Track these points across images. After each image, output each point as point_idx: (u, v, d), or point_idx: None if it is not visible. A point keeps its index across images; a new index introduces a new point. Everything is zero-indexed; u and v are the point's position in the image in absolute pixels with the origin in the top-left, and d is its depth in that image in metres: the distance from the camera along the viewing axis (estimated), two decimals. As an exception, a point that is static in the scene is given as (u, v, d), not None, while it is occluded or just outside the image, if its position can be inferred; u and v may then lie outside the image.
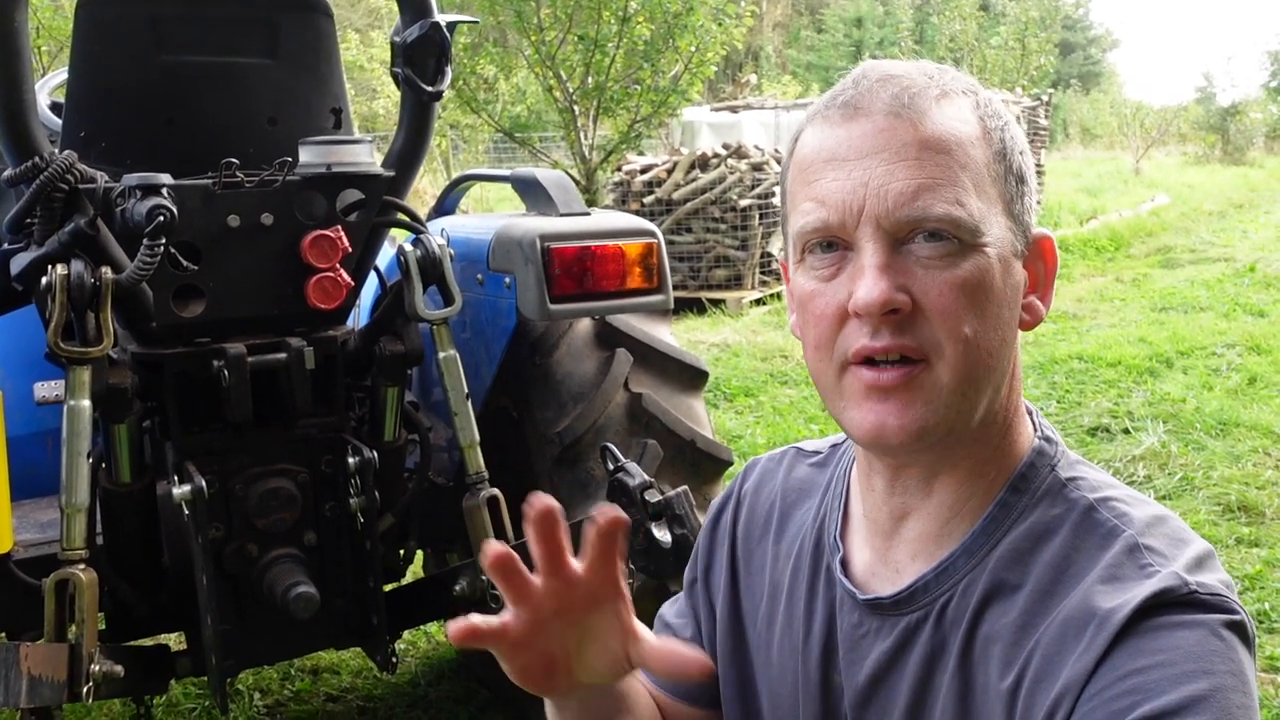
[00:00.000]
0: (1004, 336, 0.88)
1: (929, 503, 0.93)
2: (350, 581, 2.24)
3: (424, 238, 2.19)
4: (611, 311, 2.37)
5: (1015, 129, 0.91)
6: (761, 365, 7.12)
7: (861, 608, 0.96)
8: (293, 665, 3.27)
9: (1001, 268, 0.87)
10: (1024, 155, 0.91)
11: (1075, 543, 0.86)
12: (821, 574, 1.02)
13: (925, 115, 0.87)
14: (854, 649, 0.96)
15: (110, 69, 2.15)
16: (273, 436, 2.15)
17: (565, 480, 2.42)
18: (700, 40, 11.39)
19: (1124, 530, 0.85)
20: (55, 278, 1.82)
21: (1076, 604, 0.82)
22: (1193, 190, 18.00)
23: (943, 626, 0.90)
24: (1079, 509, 0.88)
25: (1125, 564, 0.82)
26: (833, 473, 1.08)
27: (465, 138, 18.25)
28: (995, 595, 0.87)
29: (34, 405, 2.60)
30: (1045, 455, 0.92)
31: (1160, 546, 0.83)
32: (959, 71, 0.93)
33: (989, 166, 0.88)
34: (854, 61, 36.58)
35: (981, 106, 0.90)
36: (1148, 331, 7.63)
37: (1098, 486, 0.90)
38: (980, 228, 0.86)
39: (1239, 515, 4.38)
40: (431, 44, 2.18)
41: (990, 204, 0.88)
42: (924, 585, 0.91)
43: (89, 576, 1.85)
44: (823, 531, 1.04)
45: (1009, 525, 0.89)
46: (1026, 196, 0.91)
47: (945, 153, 0.86)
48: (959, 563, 0.90)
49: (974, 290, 0.85)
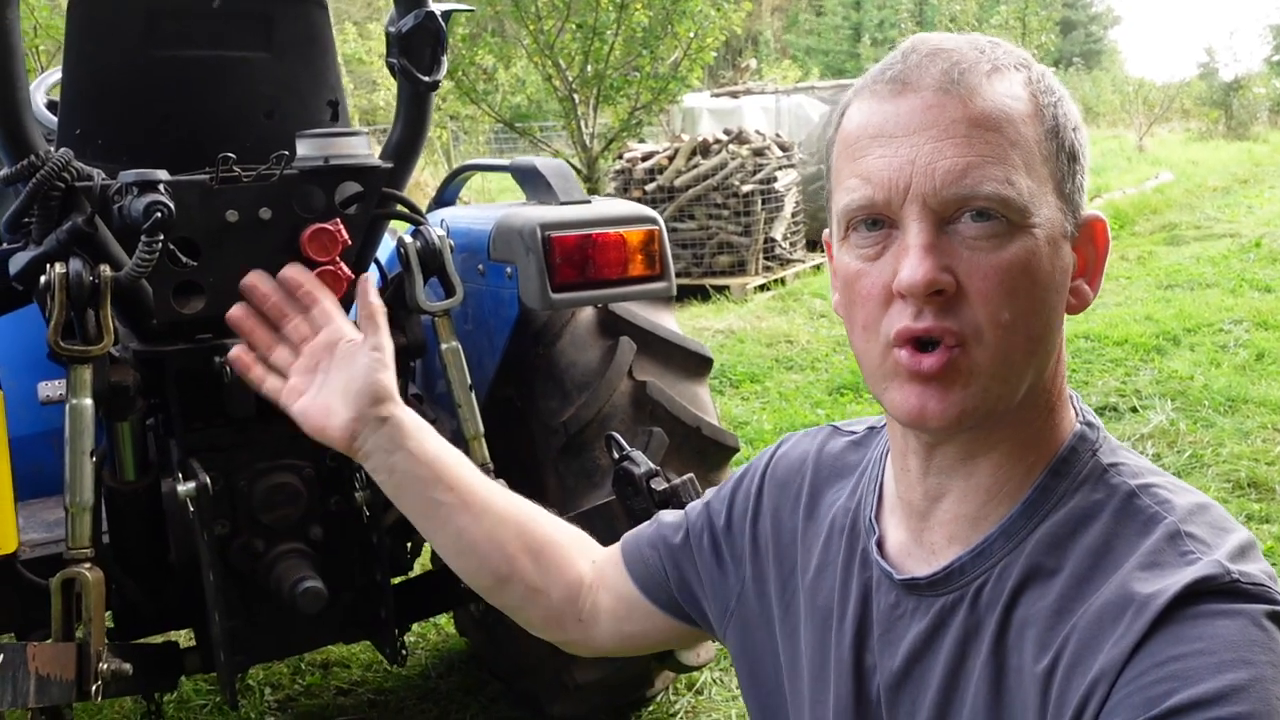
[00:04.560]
0: (1048, 321, 0.87)
1: (966, 484, 0.92)
2: (357, 575, 2.24)
3: (424, 229, 2.18)
4: (614, 300, 2.36)
5: (1069, 105, 0.88)
6: (767, 351, 7.10)
7: (899, 588, 0.95)
8: (303, 659, 3.27)
9: (1050, 250, 0.85)
10: (1077, 132, 0.88)
11: (1115, 528, 0.85)
12: (857, 555, 1.01)
13: (976, 91, 0.84)
14: (890, 629, 0.96)
15: (104, 65, 2.14)
16: (276, 431, 2.14)
17: (571, 469, 2.41)
18: (699, 26, 11.38)
19: (1165, 517, 0.83)
20: (54, 276, 1.81)
21: (1115, 589, 0.81)
22: (1197, 166, 17.93)
23: (978, 609, 0.89)
24: (1120, 495, 0.86)
25: (1166, 550, 0.81)
26: (869, 454, 1.08)
27: (465, 129, 18.22)
28: (1032, 579, 0.86)
29: (38, 405, 2.59)
30: (1087, 440, 0.90)
31: (1202, 534, 0.82)
32: (1012, 45, 0.90)
33: (1040, 144, 0.86)
34: (854, 44, 36.57)
35: (1035, 82, 0.87)
36: (1154, 309, 7.61)
37: (1139, 473, 0.88)
38: (1030, 207, 0.84)
39: (1249, 492, 4.37)
40: (427, 33, 2.16)
41: (1041, 183, 0.85)
42: (960, 567, 0.91)
43: (95, 575, 1.85)
44: (859, 513, 1.03)
45: (1048, 509, 0.88)
46: (1079, 175, 0.88)
47: (995, 130, 0.84)
48: (996, 545, 0.89)
49: (1019, 274, 0.84)
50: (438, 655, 3.34)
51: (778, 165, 9.60)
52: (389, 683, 3.19)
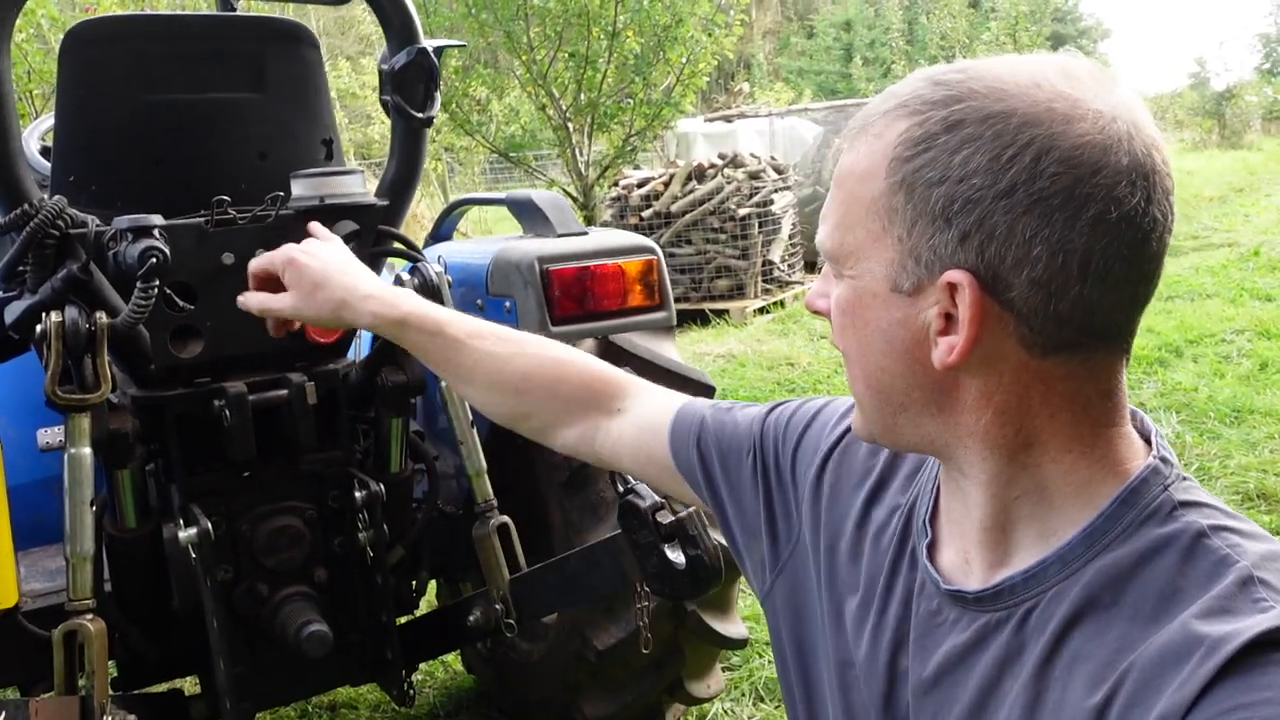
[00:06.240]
0: (886, 366, 0.90)
1: (967, 505, 0.94)
2: (363, 617, 2.21)
3: (421, 265, 2.17)
4: (614, 331, 2.35)
5: (955, 159, 0.81)
6: (768, 374, 7.09)
7: (942, 596, 0.94)
8: (310, 702, 3.24)
9: (880, 301, 0.88)
10: (952, 185, 0.81)
11: (1183, 568, 0.81)
12: (906, 555, 1.00)
13: (852, 146, 0.89)
14: (927, 635, 0.94)
15: (97, 111, 2.14)
16: (278, 474, 2.12)
17: (575, 504, 2.39)
18: (691, 51, 11.42)
19: (1238, 561, 0.80)
20: (50, 325, 1.80)
21: (1180, 630, 0.77)
22: (1192, 177, 17.96)
23: (1024, 632, 0.87)
24: (1190, 533, 0.82)
25: (1237, 596, 0.78)
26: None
27: (461, 160, 18.28)
28: (1088, 611, 0.84)
29: (38, 452, 2.57)
30: (1160, 474, 0.86)
31: (1276, 582, 0.79)
32: (952, 83, 0.84)
33: (878, 200, 0.86)
34: (845, 65, 36.74)
35: (906, 134, 0.84)
36: (1155, 321, 7.59)
37: (1212, 514, 0.84)
38: (849, 259, 0.89)
39: (1258, 503, 4.34)
40: (420, 70, 2.16)
41: (873, 237, 0.87)
42: (1010, 587, 0.88)
43: (97, 626, 1.82)
44: (914, 512, 1.02)
45: (1110, 541, 0.85)
46: (940, 232, 0.82)
47: (839, 185, 0.90)
48: (1051, 570, 0.86)
49: (841, 315, 0.91)
50: (446, 694, 3.31)
51: (774, 188, 9.62)
52: (397, 723, 3.15)
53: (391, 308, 1.36)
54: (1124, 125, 0.80)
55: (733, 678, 3.22)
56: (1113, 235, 0.80)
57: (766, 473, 1.19)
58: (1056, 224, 0.79)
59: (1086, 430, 0.87)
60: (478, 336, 1.34)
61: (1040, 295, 0.81)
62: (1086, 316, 0.82)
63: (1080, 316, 0.82)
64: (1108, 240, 0.80)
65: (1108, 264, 0.80)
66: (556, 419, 1.33)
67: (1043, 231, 0.79)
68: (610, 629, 2.42)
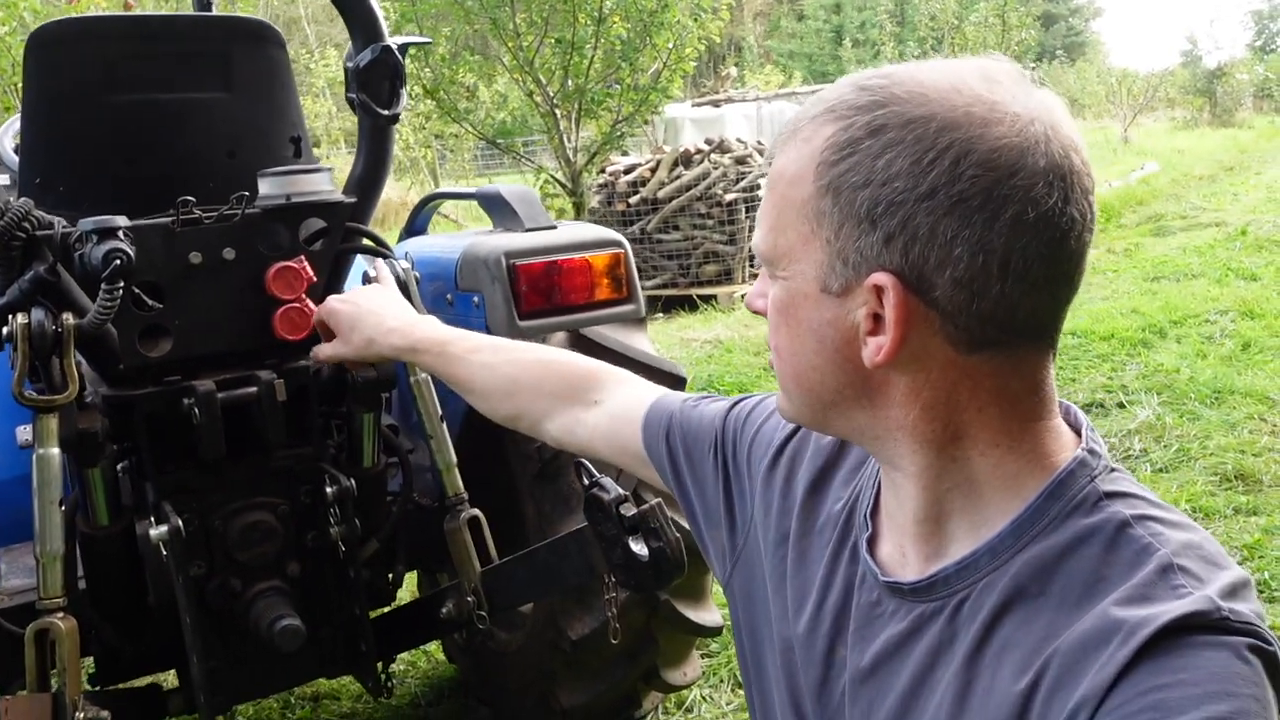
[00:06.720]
0: (815, 364, 0.92)
1: (900, 498, 0.96)
2: (336, 610, 2.23)
3: (389, 261, 2.18)
4: (582, 325, 2.36)
5: (878, 163, 0.83)
6: (755, 360, 7.11)
7: (881, 587, 0.97)
8: (293, 693, 3.27)
9: (810, 301, 0.90)
10: (876, 188, 0.83)
11: (1107, 557, 0.84)
12: (848, 548, 1.03)
13: (783, 151, 0.91)
14: (865, 626, 0.97)
15: (63, 111, 2.14)
16: (249, 470, 2.14)
17: (547, 495, 2.41)
18: (678, 36, 11.39)
19: (1159, 549, 0.82)
20: (16, 327, 1.81)
21: (1100, 616, 0.80)
22: (1182, 156, 18.00)
23: (956, 621, 0.89)
24: (1114, 523, 0.85)
25: (1157, 583, 0.81)
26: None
27: (450, 148, 18.23)
28: (1016, 600, 0.86)
29: (17, 449, 2.59)
30: (1087, 467, 0.89)
31: (1195, 569, 0.81)
32: (879, 84, 0.86)
33: (808, 203, 0.88)
34: (835, 47, 36.65)
35: (841, 134, 0.85)
36: (1140, 302, 7.62)
37: (1137, 504, 0.87)
38: (781, 260, 0.92)
39: (1236, 484, 4.37)
40: (385, 67, 2.17)
41: (803, 240, 0.89)
42: (945, 578, 0.91)
43: (68, 624, 1.84)
44: (856, 506, 1.05)
45: (1038, 532, 0.88)
46: (865, 235, 0.84)
47: (771, 189, 0.92)
48: (982, 561, 0.89)
49: (775, 314, 0.94)
50: (428, 683, 3.34)
51: (760, 173, 9.60)
52: (379, 713, 3.18)
53: (405, 337, 1.62)
54: (1041, 127, 0.83)
55: (710, 665, 3.25)
56: (1031, 235, 0.82)
57: (726, 464, 1.22)
58: (976, 225, 0.81)
59: (1014, 425, 0.90)
60: (475, 350, 1.53)
61: (963, 294, 0.83)
62: (1009, 314, 0.84)
63: (1003, 314, 0.84)
64: (1026, 240, 0.82)
65: (1027, 263, 0.83)
66: (543, 414, 1.44)
67: (963, 232, 0.82)
68: (584, 619, 2.45)
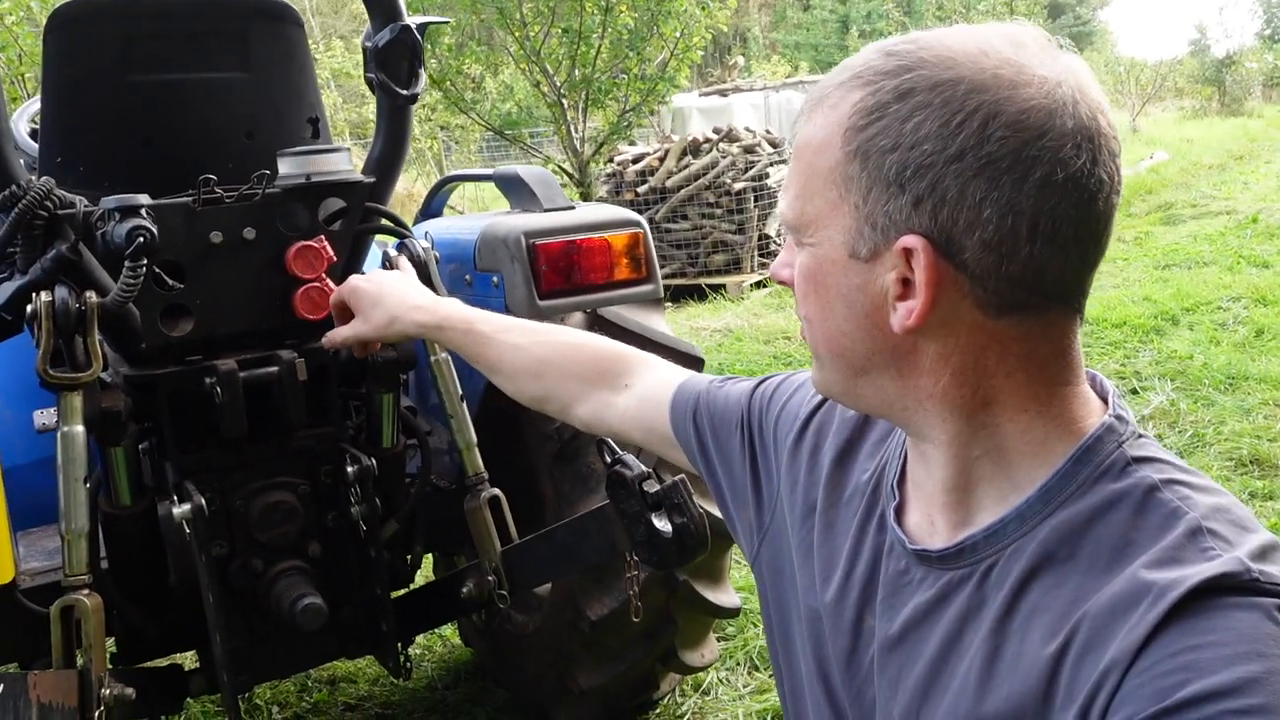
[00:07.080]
0: (846, 330, 0.92)
1: (929, 468, 0.96)
2: (357, 590, 2.24)
3: (408, 242, 2.18)
4: (601, 304, 2.36)
5: (906, 126, 0.83)
6: (765, 348, 7.10)
7: (909, 556, 0.97)
8: (310, 676, 3.28)
9: (838, 268, 0.90)
10: (904, 152, 0.83)
11: (1135, 521, 0.84)
12: (875, 517, 1.03)
13: (809, 118, 0.91)
14: (894, 594, 0.97)
15: (82, 92, 2.14)
16: (271, 450, 2.14)
17: (566, 475, 2.41)
18: (685, 25, 11.37)
19: (1187, 513, 0.82)
20: (40, 305, 1.82)
21: (1130, 579, 0.80)
22: (1191, 145, 17.91)
23: (985, 587, 0.89)
24: (1142, 488, 0.85)
25: (1186, 546, 0.80)
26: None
27: (457, 138, 18.21)
28: (1045, 565, 0.86)
29: (34, 433, 2.59)
30: (1115, 432, 0.89)
31: (1224, 532, 0.81)
32: (921, 47, 0.85)
33: (836, 169, 0.87)
34: (842, 37, 36.54)
35: (861, 103, 0.85)
36: (1152, 290, 7.60)
37: (1165, 468, 0.87)
38: (808, 228, 0.91)
39: (1251, 469, 4.37)
40: (404, 47, 2.16)
41: (831, 206, 0.88)
42: (973, 545, 0.91)
43: (94, 601, 1.85)
44: (883, 476, 1.05)
45: (1066, 497, 0.87)
46: (894, 198, 0.84)
47: (797, 157, 0.92)
48: (1010, 527, 0.89)
49: (803, 281, 0.93)
50: (444, 666, 3.34)
51: (769, 162, 9.59)
52: (396, 696, 3.19)
53: (431, 314, 1.59)
54: (1069, 90, 0.82)
55: (728, 647, 3.25)
56: (1060, 196, 0.82)
57: (752, 442, 1.23)
58: (1005, 186, 0.81)
59: (1042, 389, 0.90)
60: (503, 331, 1.51)
61: (992, 257, 0.83)
62: (1038, 277, 0.84)
63: (1031, 277, 0.84)
64: (1055, 201, 0.82)
65: (1056, 224, 0.82)
66: (572, 398, 1.43)
67: (992, 194, 0.81)
68: (603, 599, 2.45)
